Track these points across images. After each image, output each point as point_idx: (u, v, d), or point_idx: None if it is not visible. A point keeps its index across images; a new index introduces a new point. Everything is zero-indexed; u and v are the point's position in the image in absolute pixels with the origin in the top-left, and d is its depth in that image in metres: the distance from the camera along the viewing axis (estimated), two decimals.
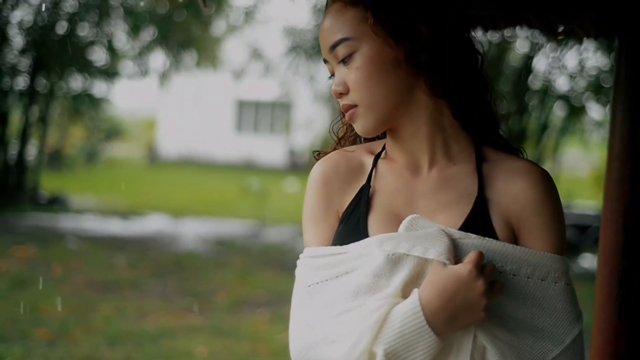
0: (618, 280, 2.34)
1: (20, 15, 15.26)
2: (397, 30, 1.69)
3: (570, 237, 12.62)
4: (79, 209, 15.84)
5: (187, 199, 18.93)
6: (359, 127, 1.76)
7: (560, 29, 2.75)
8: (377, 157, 1.81)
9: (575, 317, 1.71)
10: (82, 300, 8.01)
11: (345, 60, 1.72)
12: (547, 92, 13.83)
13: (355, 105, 1.73)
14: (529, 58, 13.35)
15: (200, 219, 15.60)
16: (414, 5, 1.69)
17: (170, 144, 31.40)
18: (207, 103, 30.48)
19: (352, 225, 1.73)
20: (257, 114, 31.58)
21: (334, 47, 1.73)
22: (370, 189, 1.76)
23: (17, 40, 15.56)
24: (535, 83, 13.99)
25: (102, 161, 28.74)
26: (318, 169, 1.80)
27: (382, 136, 1.83)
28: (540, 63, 13.58)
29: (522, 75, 13.58)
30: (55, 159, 24.17)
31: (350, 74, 1.72)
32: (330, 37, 1.73)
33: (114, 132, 31.58)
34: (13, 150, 16.02)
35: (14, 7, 14.93)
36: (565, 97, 14.07)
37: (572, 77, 13.43)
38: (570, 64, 13.14)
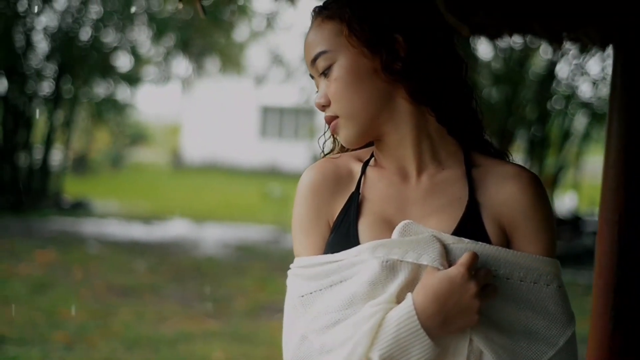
0: (613, 291, 2.33)
1: (45, 21, 15.41)
2: (372, 41, 1.71)
3: (592, 244, 12.53)
4: (102, 213, 15.93)
5: (210, 205, 18.99)
6: (342, 138, 1.78)
7: (565, 37, 2.74)
8: (366, 164, 1.82)
9: (568, 319, 1.72)
10: (102, 305, 8.06)
11: (325, 73, 1.75)
12: (570, 99, 13.75)
13: (336, 117, 1.76)
14: (552, 64, 13.29)
15: (222, 224, 15.65)
16: (390, 15, 1.71)
17: (194, 149, 31.53)
18: (232, 109, 30.56)
19: (342, 233, 1.74)
20: (281, 120, 31.64)
21: (314, 60, 1.76)
22: (360, 196, 1.77)
23: (42, 45, 15.70)
24: (557, 90, 13.92)
25: (127, 166, 28.89)
26: (307, 177, 1.82)
27: (370, 144, 1.84)
28: (563, 70, 13.52)
29: (545, 82, 13.52)
30: (81, 164, 24.33)
31: (330, 86, 1.74)
32: (311, 51, 1.77)
33: (138, 137, 31.75)
34: (37, 155, 16.15)
35: (39, 13, 15.07)
36: (588, 104, 13.99)
37: (595, 83, 13.34)
38: (593, 71, 13.07)
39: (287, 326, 1.76)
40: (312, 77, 1.82)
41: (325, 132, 1.87)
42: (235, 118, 30.73)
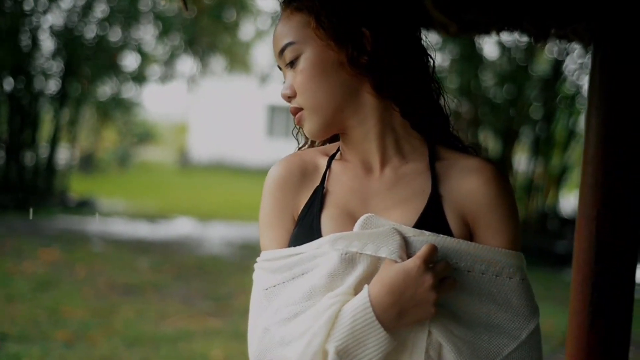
0: (591, 286, 2.32)
1: (51, 19, 15.44)
2: (339, 34, 1.71)
3: None
4: (108, 212, 15.96)
5: (217, 203, 19.00)
6: (306, 130, 1.79)
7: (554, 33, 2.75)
8: (332, 158, 1.83)
9: (531, 312, 1.72)
10: (104, 303, 8.07)
11: (292, 64, 1.76)
12: (575, 97, 13.70)
13: (302, 109, 1.76)
14: (557, 63, 13.25)
15: (228, 223, 15.66)
16: (358, 9, 1.71)
17: (202, 148, 31.58)
18: (239, 108, 30.60)
19: (306, 226, 1.74)
20: (288, 119, 31.62)
21: (281, 51, 1.77)
22: (324, 190, 1.77)
23: (48, 44, 15.73)
24: (562, 89, 13.87)
25: (134, 165, 28.92)
26: (273, 172, 1.82)
27: (338, 138, 1.85)
28: (568, 68, 13.47)
29: (550, 81, 13.48)
30: (87, 162, 24.38)
31: (295, 77, 1.75)
32: (279, 42, 1.77)
33: (146, 136, 31.80)
34: (44, 153, 16.16)
35: (45, 12, 15.10)
36: None
37: None
38: None
39: (252, 319, 1.77)
40: (280, 68, 1.82)
41: (297, 125, 1.88)
42: (242, 117, 30.76)
